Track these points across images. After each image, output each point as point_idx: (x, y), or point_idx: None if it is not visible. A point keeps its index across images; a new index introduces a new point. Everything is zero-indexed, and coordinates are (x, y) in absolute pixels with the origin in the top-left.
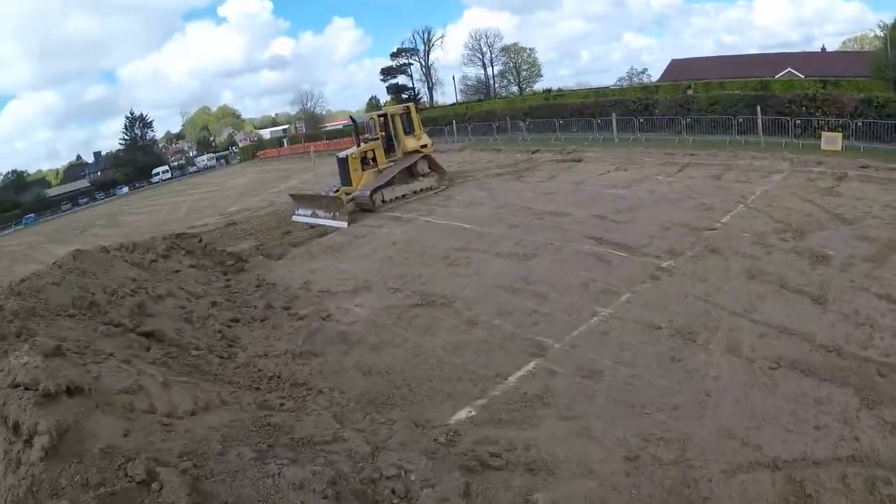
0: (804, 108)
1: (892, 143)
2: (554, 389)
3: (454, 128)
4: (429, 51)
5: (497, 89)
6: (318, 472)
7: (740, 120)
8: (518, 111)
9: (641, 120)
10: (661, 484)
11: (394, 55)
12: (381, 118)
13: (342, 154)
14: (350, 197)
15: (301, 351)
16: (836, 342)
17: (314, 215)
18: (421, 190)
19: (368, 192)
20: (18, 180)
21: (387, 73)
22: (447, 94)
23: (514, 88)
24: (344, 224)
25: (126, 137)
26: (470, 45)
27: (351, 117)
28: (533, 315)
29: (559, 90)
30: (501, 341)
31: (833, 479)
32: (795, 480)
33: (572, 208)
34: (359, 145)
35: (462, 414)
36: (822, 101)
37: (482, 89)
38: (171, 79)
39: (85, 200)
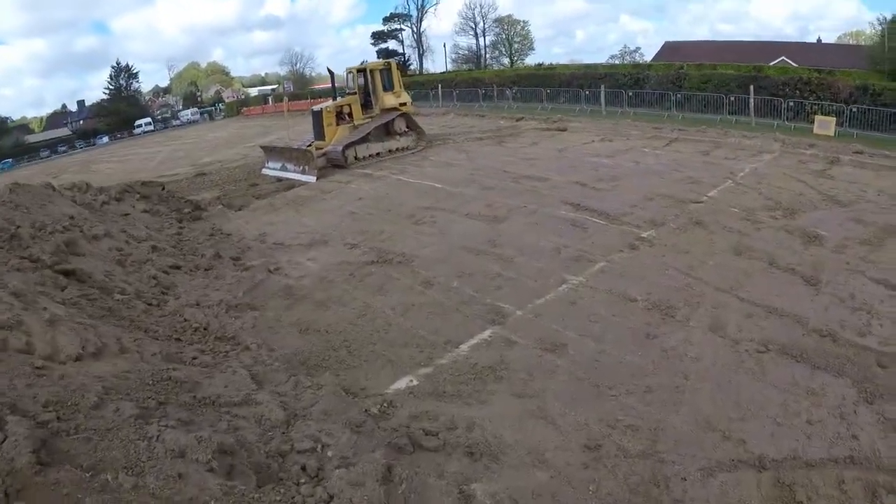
0: (798, 92)
1: (887, 131)
2: (510, 362)
3: (439, 92)
4: (422, 17)
5: (488, 61)
6: (205, 440)
7: (732, 99)
8: (506, 79)
9: (631, 94)
10: (625, 480)
11: (386, 19)
12: (360, 73)
13: (317, 107)
14: (322, 151)
15: (238, 303)
16: (830, 327)
17: (283, 168)
18: (397, 149)
19: (341, 148)
20: None
21: (377, 37)
22: (437, 63)
23: (506, 61)
24: (312, 178)
25: (111, 88)
26: (463, 13)
27: (329, 69)
28: (496, 279)
29: (550, 65)
30: (458, 305)
31: (828, 484)
32: (784, 484)
33: (552, 174)
34: (335, 99)
35: (402, 383)
36: (818, 86)
37: (473, 59)
38: (164, 33)
39: (64, 148)
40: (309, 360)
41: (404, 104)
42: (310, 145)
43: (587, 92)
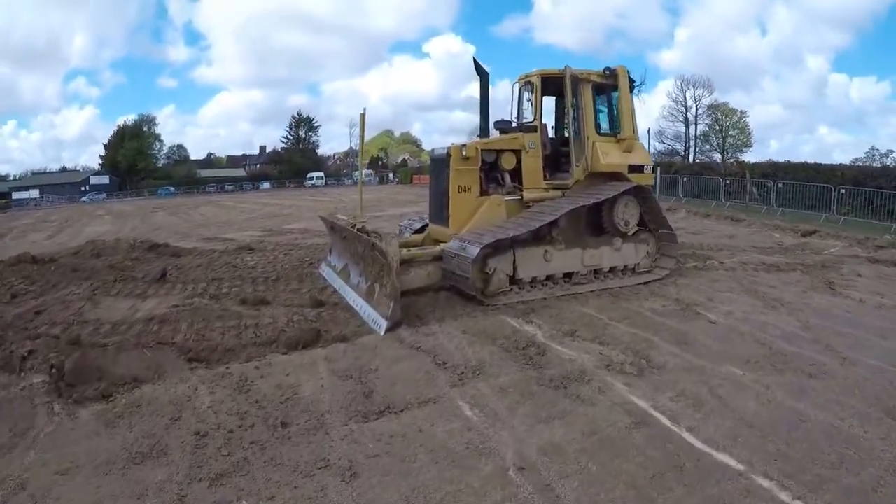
0: None
1: None
2: None
3: (657, 179)
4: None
5: (696, 155)
6: None
7: None
8: (754, 168)
9: None
10: None
11: None
12: (547, 86)
13: (439, 151)
14: (431, 251)
15: None
16: None
17: (345, 272)
18: (612, 269)
19: (477, 250)
20: (179, 154)
21: None
22: None
23: (717, 156)
24: (381, 326)
25: (289, 137)
26: (674, 95)
27: (475, 61)
28: None
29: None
30: None
31: None
32: None
33: None
34: (483, 134)
35: None
36: None
37: (678, 152)
38: (369, 101)
39: (231, 187)
40: None
41: (640, 169)
42: (419, 230)
43: None
